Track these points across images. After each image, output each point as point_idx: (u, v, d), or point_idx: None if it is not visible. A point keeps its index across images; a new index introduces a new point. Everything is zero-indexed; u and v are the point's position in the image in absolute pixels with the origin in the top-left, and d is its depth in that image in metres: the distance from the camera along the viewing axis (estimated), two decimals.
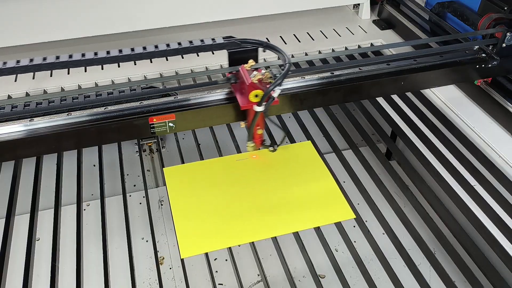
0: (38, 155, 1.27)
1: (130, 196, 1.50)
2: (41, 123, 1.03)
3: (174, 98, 1.11)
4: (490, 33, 1.31)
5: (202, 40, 1.13)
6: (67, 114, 1.05)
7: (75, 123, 1.04)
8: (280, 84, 1.03)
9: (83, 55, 1.06)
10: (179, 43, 1.12)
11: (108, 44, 1.69)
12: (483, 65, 1.28)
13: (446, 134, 1.31)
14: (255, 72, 1.05)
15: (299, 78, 1.18)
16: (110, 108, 1.07)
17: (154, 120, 1.07)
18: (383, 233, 1.13)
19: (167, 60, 1.59)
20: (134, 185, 1.59)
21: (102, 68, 1.54)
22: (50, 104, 1.08)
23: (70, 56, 1.04)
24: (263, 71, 1.06)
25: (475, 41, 1.34)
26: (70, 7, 1.56)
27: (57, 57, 1.04)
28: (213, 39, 1.13)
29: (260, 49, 1.17)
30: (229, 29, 1.79)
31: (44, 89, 1.47)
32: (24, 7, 1.52)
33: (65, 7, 1.55)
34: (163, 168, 1.18)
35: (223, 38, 1.14)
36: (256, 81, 1.04)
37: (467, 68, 1.28)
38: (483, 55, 1.29)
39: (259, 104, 1.05)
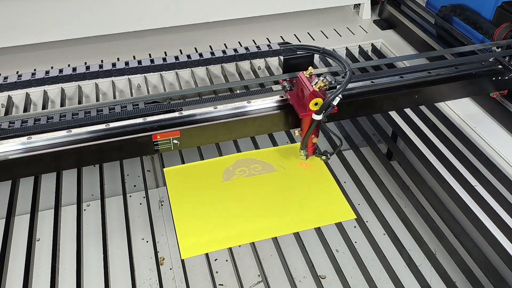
0: (36, 174, 1.22)
1: (130, 196, 1.49)
2: (40, 141, 0.99)
3: (179, 114, 1.07)
4: (507, 44, 1.27)
5: (258, 47, 1.10)
6: (67, 131, 1.00)
7: (75, 141, 1.00)
8: (341, 93, 1.00)
9: (100, 66, 1.05)
10: (235, 50, 1.08)
11: (107, 44, 1.69)
12: (499, 77, 1.24)
13: (447, 134, 1.30)
14: (316, 80, 1.02)
15: None
16: (112, 125, 1.02)
17: (158, 137, 1.04)
18: (384, 234, 1.13)
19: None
20: (134, 186, 1.59)
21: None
22: (49, 120, 1.04)
23: (88, 68, 1.03)
24: (321, 78, 1.03)
25: (492, 52, 1.29)
26: (70, 7, 1.56)
27: (60, 71, 1.02)
28: (268, 45, 1.09)
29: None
30: (229, 29, 1.79)
31: (44, 89, 1.47)
32: (24, 7, 1.52)
33: (65, 7, 1.55)
34: (163, 169, 1.18)
35: (279, 44, 1.10)
36: (317, 89, 1.01)
37: (483, 80, 1.24)
38: (500, 66, 1.25)
39: (318, 112, 1.02)
